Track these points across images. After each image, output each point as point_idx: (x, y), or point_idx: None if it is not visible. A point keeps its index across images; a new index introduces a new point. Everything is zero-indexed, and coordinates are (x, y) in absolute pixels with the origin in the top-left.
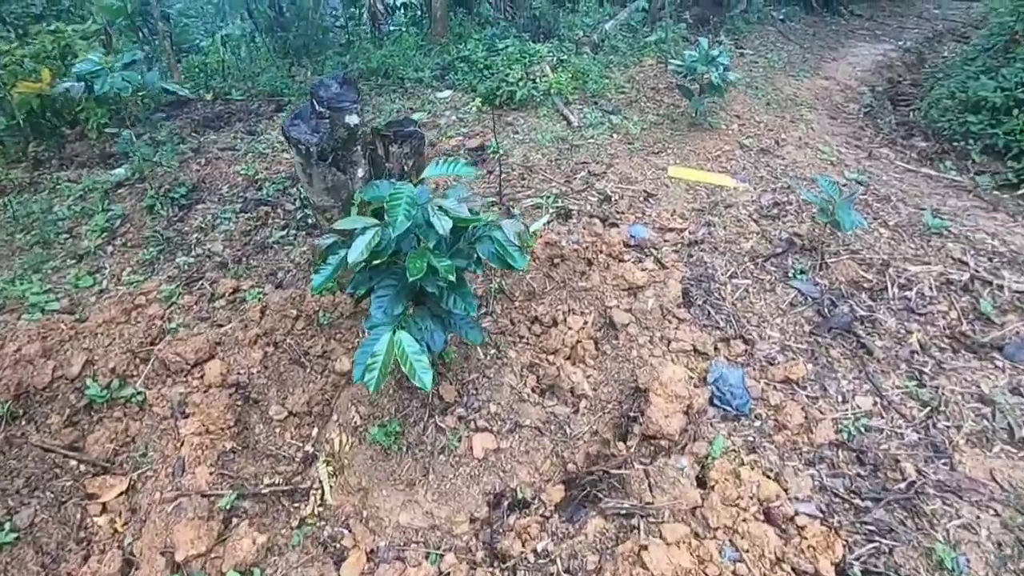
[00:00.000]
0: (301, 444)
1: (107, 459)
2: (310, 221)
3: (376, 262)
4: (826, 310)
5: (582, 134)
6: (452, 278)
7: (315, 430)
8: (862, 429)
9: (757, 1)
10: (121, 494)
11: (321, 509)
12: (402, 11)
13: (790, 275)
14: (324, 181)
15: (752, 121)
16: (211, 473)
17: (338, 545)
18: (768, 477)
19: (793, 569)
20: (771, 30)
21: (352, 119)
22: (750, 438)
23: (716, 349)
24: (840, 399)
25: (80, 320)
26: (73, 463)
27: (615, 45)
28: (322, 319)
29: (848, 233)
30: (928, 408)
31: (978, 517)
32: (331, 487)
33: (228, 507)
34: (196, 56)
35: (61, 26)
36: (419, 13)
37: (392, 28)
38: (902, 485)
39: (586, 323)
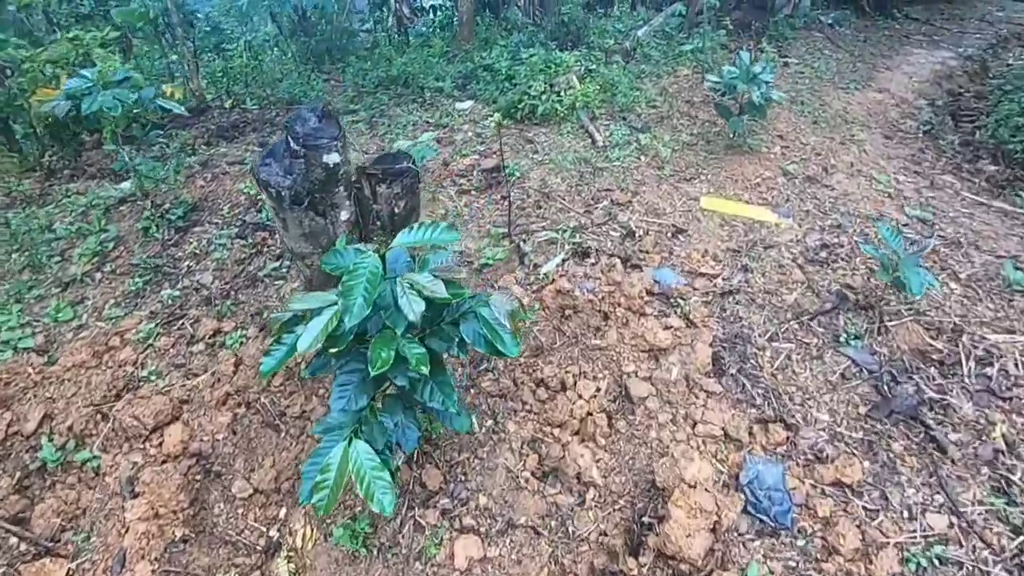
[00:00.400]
0: (265, 529)
1: (52, 536)
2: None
3: (333, 350)
4: (886, 387)
5: (607, 155)
6: (425, 371)
7: (283, 510)
8: (935, 561)
9: (804, 4)
10: None
11: None
12: (431, 14)
13: (841, 339)
14: (301, 227)
15: (797, 143)
16: (154, 571)
17: None
18: None
19: None
20: (818, 36)
21: (331, 158)
22: (792, 563)
23: (751, 435)
24: (906, 514)
25: (49, 362)
26: (14, 540)
27: (648, 53)
28: (304, 372)
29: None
30: (1021, 537)
31: None
32: None
33: None
34: (220, 61)
35: (80, 33)
36: (449, 15)
37: (420, 31)
38: None
39: (599, 390)
